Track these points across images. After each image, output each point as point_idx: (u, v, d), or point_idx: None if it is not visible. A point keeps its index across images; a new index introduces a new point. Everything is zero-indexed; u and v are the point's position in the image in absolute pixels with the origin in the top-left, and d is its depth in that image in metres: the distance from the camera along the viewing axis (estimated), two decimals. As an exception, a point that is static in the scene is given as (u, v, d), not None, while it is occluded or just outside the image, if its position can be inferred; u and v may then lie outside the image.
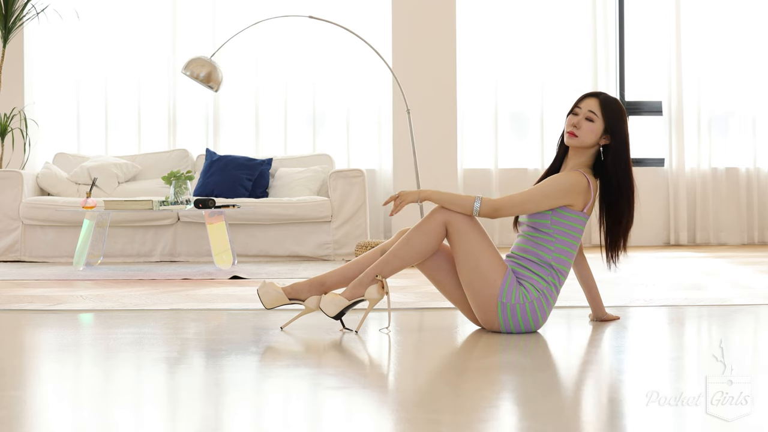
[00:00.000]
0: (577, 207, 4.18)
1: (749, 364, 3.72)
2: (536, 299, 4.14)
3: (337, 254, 8.49)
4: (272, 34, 9.86)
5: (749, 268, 7.35)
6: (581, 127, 4.23)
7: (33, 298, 5.62)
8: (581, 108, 4.26)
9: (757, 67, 10.31)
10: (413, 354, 3.98)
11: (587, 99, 4.28)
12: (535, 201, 4.15)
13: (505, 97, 10.26)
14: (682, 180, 10.28)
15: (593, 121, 4.23)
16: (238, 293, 5.85)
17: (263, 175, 8.97)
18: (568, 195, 4.15)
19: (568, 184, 4.16)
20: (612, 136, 4.25)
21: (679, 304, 5.18)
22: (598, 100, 4.26)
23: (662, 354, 3.89)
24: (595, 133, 4.24)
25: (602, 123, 4.24)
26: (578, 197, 4.17)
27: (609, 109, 4.25)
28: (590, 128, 4.23)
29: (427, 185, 9.25)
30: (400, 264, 4.22)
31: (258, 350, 3.99)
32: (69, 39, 9.88)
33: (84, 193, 8.78)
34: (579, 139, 4.24)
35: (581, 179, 4.17)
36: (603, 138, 4.26)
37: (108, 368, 3.69)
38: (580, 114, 4.25)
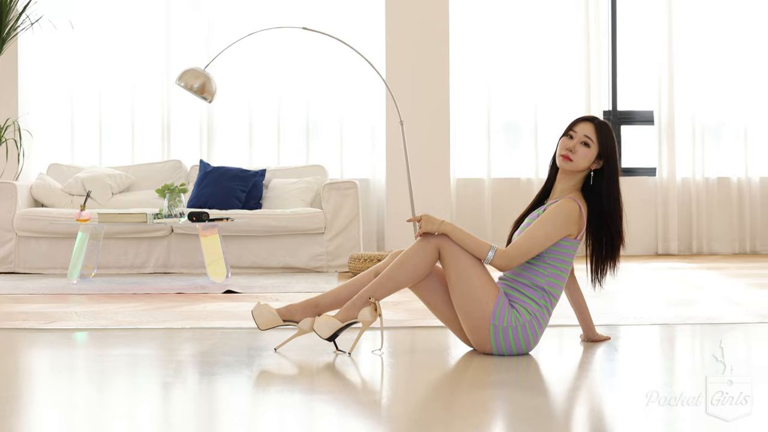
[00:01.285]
0: (572, 236, 4.22)
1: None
2: (528, 322, 4.18)
3: (330, 266, 8.52)
4: (266, 46, 9.88)
5: (740, 281, 7.38)
6: (577, 151, 4.27)
7: (27, 315, 5.64)
8: (576, 132, 4.30)
9: (748, 78, 10.36)
10: (406, 377, 4.01)
11: (582, 123, 4.32)
12: (540, 243, 4.18)
13: (498, 106, 10.30)
14: (674, 189, 10.33)
15: (589, 146, 4.27)
16: (232, 309, 5.87)
17: (257, 186, 9.00)
18: (567, 227, 4.20)
19: (564, 216, 4.20)
20: (606, 161, 4.29)
21: (669, 322, 5.22)
22: (593, 125, 4.30)
23: (652, 379, 3.92)
24: (589, 158, 4.28)
25: (597, 148, 4.28)
26: (575, 226, 4.22)
27: (603, 135, 4.30)
28: (585, 153, 4.27)
29: (420, 195, 9.28)
30: (393, 286, 4.25)
31: (252, 373, 4.02)
32: (63, 49, 9.89)
33: (78, 204, 8.81)
34: (573, 164, 4.28)
35: (574, 207, 4.21)
36: (595, 162, 4.30)
37: (101, 393, 3.72)
38: (575, 138, 4.29)
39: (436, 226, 4.21)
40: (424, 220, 4.23)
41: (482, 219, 10.22)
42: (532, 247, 4.17)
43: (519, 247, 4.17)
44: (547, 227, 4.19)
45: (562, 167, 4.31)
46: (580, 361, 4.25)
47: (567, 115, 10.18)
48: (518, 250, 4.17)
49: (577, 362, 4.25)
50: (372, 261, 7.90)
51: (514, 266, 4.17)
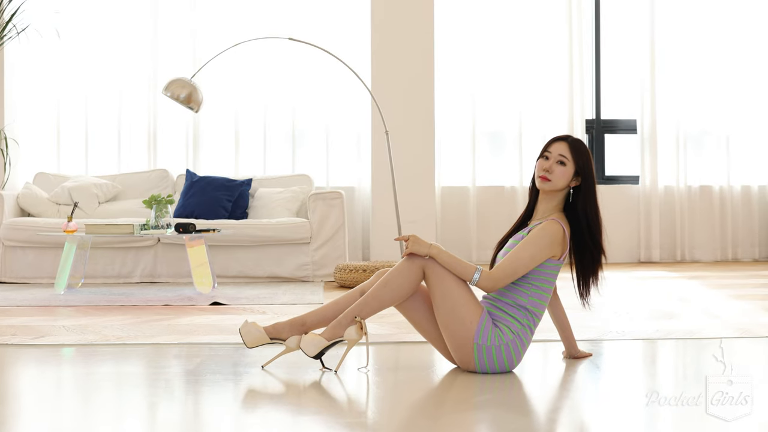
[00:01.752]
0: (556, 257, 4.30)
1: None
2: (511, 341, 4.25)
3: (316, 275, 8.58)
4: (252, 55, 9.94)
5: (721, 292, 7.47)
6: (554, 171, 4.35)
7: (15, 329, 5.68)
8: (551, 152, 4.38)
9: (730, 87, 10.47)
10: (391, 395, 4.07)
11: (556, 143, 4.40)
12: (525, 265, 4.25)
13: (483, 115, 10.38)
14: (656, 197, 10.42)
15: (565, 164, 4.35)
16: (219, 323, 5.93)
17: (243, 195, 9.05)
18: (551, 249, 4.28)
19: (549, 239, 4.27)
20: (583, 178, 4.37)
21: (650, 337, 5.30)
22: (567, 144, 4.38)
23: (633, 399, 3.99)
24: (566, 176, 4.36)
25: (573, 166, 4.36)
26: (558, 248, 4.29)
27: (578, 152, 4.37)
28: (562, 172, 4.35)
29: (406, 203, 9.37)
30: (378, 305, 4.32)
31: (239, 391, 4.09)
32: (49, 58, 9.92)
33: (65, 213, 8.85)
34: (552, 183, 4.35)
35: (558, 229, 4.29)
36: (574, 180, 4.38)
37: (88, 412, 3.77)
38: (551, 158, 4.37)
39: (424, 249, 4.27)
40: (411, 241, 4.29)
41: (467, 227, 10.30)
42: (517, 269, 4.24)
43: (504, 268, 4.24)
44: (532, 249, 4.26)
45: (541, 188, 4.39)
46: (562, 380, 4.32)
47: (551, 123, 10.28)
48: (503, 271, 4.24)
49: (560, 381, 4.32)
50: (358, 272, 7.96)
51: (499, 287, 4.24)
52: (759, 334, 5.37)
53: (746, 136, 10.54)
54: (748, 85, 10.50)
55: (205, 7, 10.07)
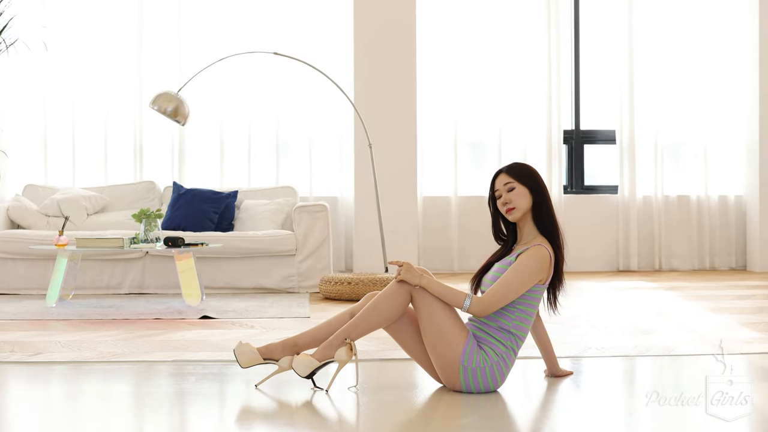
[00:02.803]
0: (542, 282, 4.48)
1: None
2: (496, 363, 4.43)
3: (301, 287, 8.73)
4: (237, 69, 10.08)
5: (699, 304, 7.66)
6: (511, 199, 4.56)
7: (12, 345, 5.83)
8: (498, 188, 4.60)
9: (707, 98, 10.67)
10: (378, 416, 4.23)
11: (497, 179, 4.62)
12: (515, 290, 4.43)
13: (464, 126, 10.56)
14: (634, 207, 10.62)
15: (514, 188, 4.55)
16: (210, 338, 6.09)
17: (229, 207, 9.20)
18: (539, 274, 4.46)
19: (537, 264, 4.45)
20: (532, 191, 4.56)
21: (629, 354, 5.49)
22: (504, 173, 4.60)
23: (613, 417, 4.16)
24: (524, 195, 4.56)
25: (521, 185, 4.55)
26: (545, 273, 4.48)
27: (519, 173, 4.58)
28: (517, 194, 4.56)
29: (388, 213, 9.56)
30: (367, 328, 4.50)
31: (234, 409, 4.26)
32: (37, 71, 10.06)
33: (54, 225, 8.99)
34: (518, 209, 4.56)
35: (545, 254, 4.47)
36: (533, 196, 4.58)
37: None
38: (500, 191, 4.57)
39: (415, 279, 4.44)
40: (405, 269, 4.46)
41: (448, 236, 10.47)
42: (507, 294, 4.42)
43: (495, 294, 4.42)
44: (521, 275, 4.43)
45: (514, 219, 4.59)
46: (544, 400, 4.50)
47: (531, 134, 10.48)
48: (494, 297, 4.41)
49: (542, 401, 4.49)
50: (343, 284, 8.12)
51: (489, 312, 4.41)
52: (736, 351, 5.54)
53: (723, 146, 10.75)
54: (725, 96, 10.70)
55: (190, 21, 10.23)
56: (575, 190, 10.78)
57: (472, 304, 4.41)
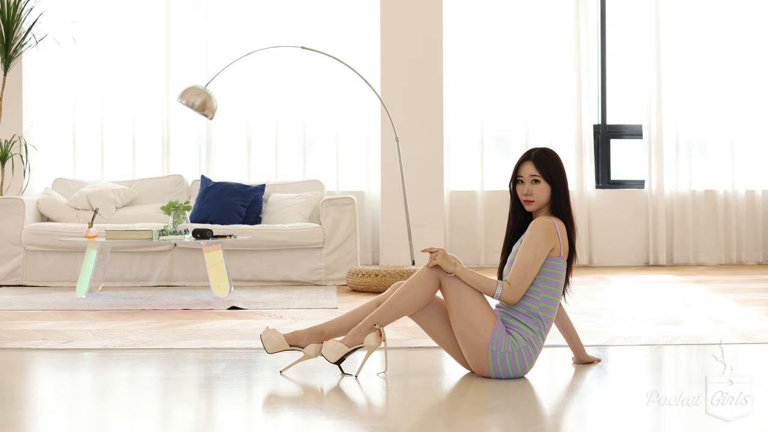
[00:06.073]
0: (555, 252, 4.50)
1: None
2: (524, 348, 4.45)
3: (328, 279, 8.77)
4: (264, 63, 10.12)
5: (726, 297, 7.66)
6: (532, 192, 4.58)
7: (45, 333, 5.89)
8: (523, 176, 4.60)
9: (734, 92, 10.65)
10: (408, 400, 4.26)
11: (523, 165, 4.61)
12: (532, 264, 4.46)
13: (491, 120, 10.57)
14: (662, 202, 10.60)
15: (539, 181, 4.57)
16: (239, 328, 6.13)
17: (257, 201, 9.24)
18: (547, 241, 4.48)
19: (542, 232, 4.49)
20: (553, 185, 4.58)
21: (656, 342, 5.50)
22: (532, 162, 4.59)
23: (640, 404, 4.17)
24: (545, 191, 4.59)
25: (544, 179, 4.57)
26: (554, 239, 4.50)
27: (545, 164, 4.58)
28: (540, 189, 4.58)
29: (415, 208, 9.59)
30: (396, 314, 4.53)
31: (261, 394, 4.30)
32: (66, 66, 10.14)
33: (83, 218, 9.06)
34: (536, 202, 4.59)
35: (547, 221, 4.51)
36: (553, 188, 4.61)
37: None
38: (525, 181, 4.59)
39: (450, 266, 4.47)
40: (440, 255, 4.49)
41: (475, 230, 10.48)
42: (527, 272, 4.45)
43: (517, 276, 4.45)
44: (534, 248, 4.47)
45: (530, 210, 4.62)
46: (572, 384, 4.52)
47: (557, 128, 10.47)
48: (518, 279, 4.45)
49: (569, 386, 4.51)
50: (370, 276, 8.15)
51: (520, 297, 4.45)
52: (762, 340, 5.55)
53: (750, 141, 10.72)
54: (752, 90, 10.67)
55: (217, 16, 10.28)
56: (602, 184, 10.78)
57: (504, 291, 4.44)
